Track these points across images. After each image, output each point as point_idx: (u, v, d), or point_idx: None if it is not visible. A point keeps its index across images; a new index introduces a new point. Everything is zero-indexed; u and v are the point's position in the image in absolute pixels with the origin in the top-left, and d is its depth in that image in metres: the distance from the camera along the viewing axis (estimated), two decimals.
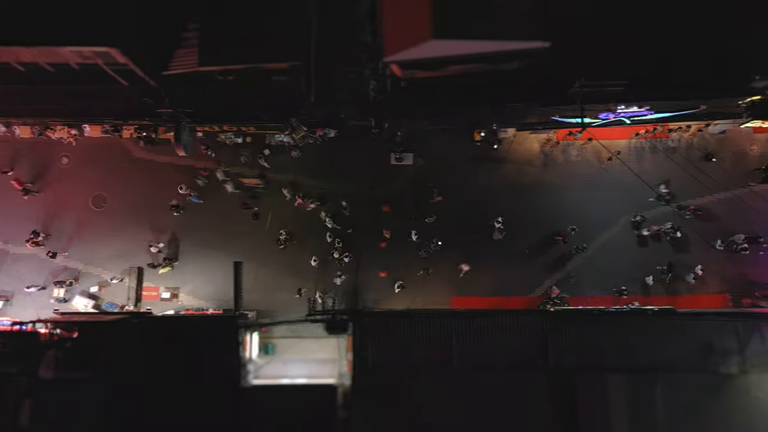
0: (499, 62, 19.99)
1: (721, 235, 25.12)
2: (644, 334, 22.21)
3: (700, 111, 22.46)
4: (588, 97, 19.87)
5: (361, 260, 25.42)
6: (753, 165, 25.66)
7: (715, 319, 22.37)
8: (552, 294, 25.17)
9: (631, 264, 25.45)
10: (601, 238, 25.65)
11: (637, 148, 25.88)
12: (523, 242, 25.43)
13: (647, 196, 25.13)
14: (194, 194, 25.29)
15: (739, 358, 21.51)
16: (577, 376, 21.36)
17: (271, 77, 22.13)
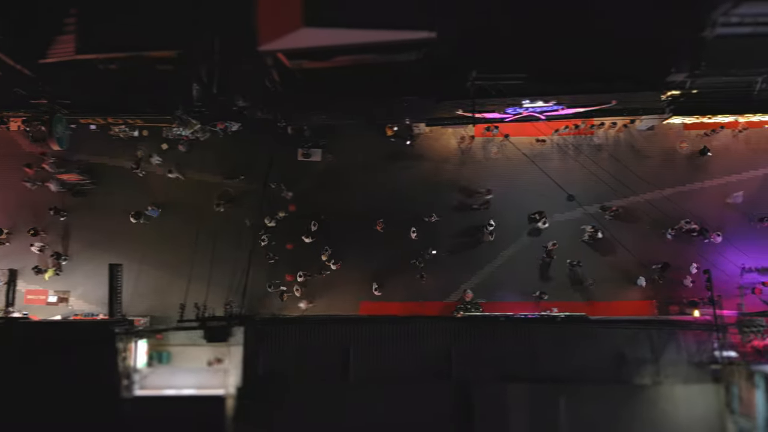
0: (390, 53, 19.64)
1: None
2: (553, 342, 22.06)
3: (611, 106, 22.16)
4: (484, 90, 19.54)
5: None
6: (683, 163, 25.59)
7: (628, 327, 22.23)
8: (466, 298, 24.90)
9: (552, 267, 25.38)
10: (522, 239, 25.46)
11: (560, 146, 25.60)
12: (437, 244, 25.22)
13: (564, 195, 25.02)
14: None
15: (652, 368, 21.41)
16: (477, 387, 21.23)
17: (156, 66, 21.70)
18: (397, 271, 25.04)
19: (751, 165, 25.17)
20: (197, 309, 21.70)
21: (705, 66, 20.73)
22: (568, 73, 20.14)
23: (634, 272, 24.59)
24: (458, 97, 20.44)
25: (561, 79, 20.21)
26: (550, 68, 19.99)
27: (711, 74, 21.18)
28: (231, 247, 23.86)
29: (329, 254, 24.60)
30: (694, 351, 21.26)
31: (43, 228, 24.99)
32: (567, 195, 23.55)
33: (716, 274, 23.83)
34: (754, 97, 22.41)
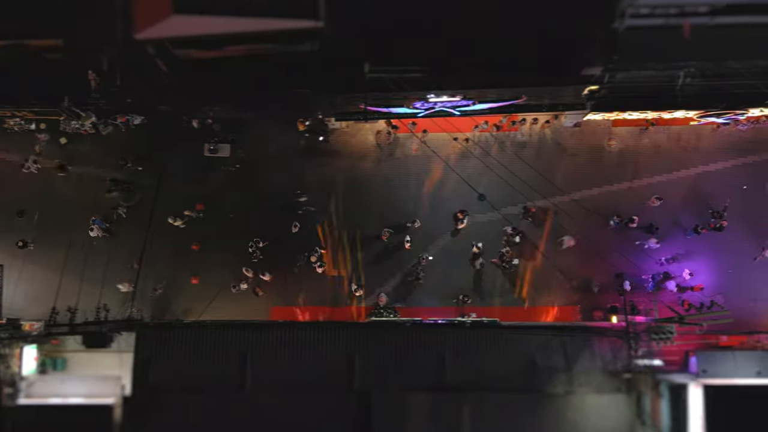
0: (282, 43, 19.40)
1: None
2: (461, 349, 21.90)
3: (524, 102, 21.98)
4: (380, 83, 19.32)
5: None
6: (612, 161, 25.43)
7: (541, 333, 22.09)
8: (380, 302, 24.68)
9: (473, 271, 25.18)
10: (443, 240, 25.15)
11: (481, 142, 25.41)
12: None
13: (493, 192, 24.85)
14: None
15: (564, 376, 21.25)
16: (377, 396, 21.00)
17: (44, 56, 21.36)
18: (313, 275, 24.83)
19: (682, 164, 25.09)
20: (70, 312, 21.31)
21: (618, 59, 20.57)
22: (472, 66, 19.93)
23: (556, 277, 24.56)
24: (352, 91, 20.20)
25: (465, 72, 20.00)
26: (453, 61, 19.79)
27: (625, 68, 21.02)
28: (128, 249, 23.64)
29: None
30: (608, 359, 21.19)
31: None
32: (477, 195, 23.37)
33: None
34: (677, 92, 22.30)
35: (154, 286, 24.18)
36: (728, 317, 21.25)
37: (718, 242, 24.34)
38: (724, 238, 24.29)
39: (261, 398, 21.04)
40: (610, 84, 22.17)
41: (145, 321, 22.77)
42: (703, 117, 22.74)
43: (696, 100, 22.49)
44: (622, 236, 24.42)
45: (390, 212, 25.02)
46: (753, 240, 24.38)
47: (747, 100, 22.28)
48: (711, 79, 22.00)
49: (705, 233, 24.12)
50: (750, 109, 22.55)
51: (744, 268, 24.25)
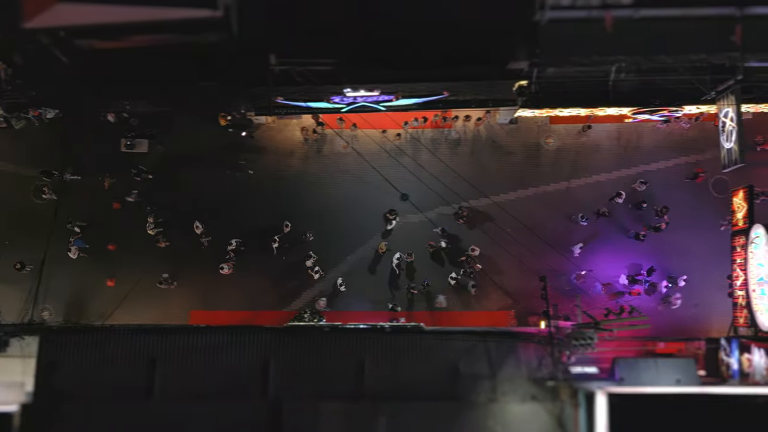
0: (184, 33, 19.23)
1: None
2: (382, 355, 21.75)
3: (446, 97, 21.85)
4: (287, 76, 19.16)
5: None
6: (549, 160, 25.38)
7: (465, 338, 21.96)
8: (319, 306, 24.56)
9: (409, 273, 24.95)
10: (374, 241, 24.92)
11: (415, 140, 25.28)
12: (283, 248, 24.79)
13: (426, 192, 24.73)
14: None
15: (487, 383, 21.13)
16: (289, 405, 20.81)
17: None
18: (236, 277, 24.66)
19: (622, 163, 25.02)
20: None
21: (541, 53, 20.49)
22: (386, 59, 19.81)
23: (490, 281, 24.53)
24: (260, 84, 20.01)
25: (378, 65, 19.87)
26: (365, 53, 19.66)
27: (549, 63, 20.93)
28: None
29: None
30: (533, 366, 21.09)
31: None
32: (400, 194, 23.26)
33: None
34: (610, 88, 22.23)
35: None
36: (646, 323, 21.20)
37: (660, 244, 24.35)
38: (665, 240, 24.29)
39: (169, 406, 20.80)
40: (540, 80, 22.06)
41: (48, 324, 22.47)
42: (637, 114, 22.63)
43: (630, 96, 22.40)
44: (557, 238, 24.39)
45: (319, 213, 24.88)
46: (696, 241, 24.40)
47: (682, 97, 22.20)
48: (645, 74, 21.95)
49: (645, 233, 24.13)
50: (685, 106, 22.46)
51: (688, 271, 24.23)
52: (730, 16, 19.77)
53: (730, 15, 19.74)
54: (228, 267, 23.94)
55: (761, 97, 22.13)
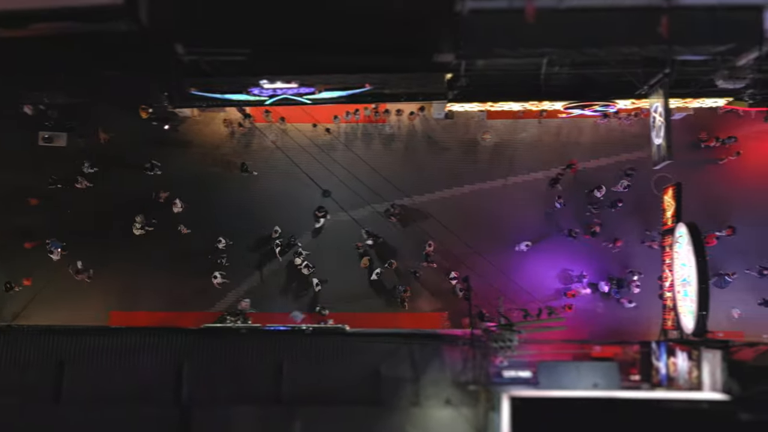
0: (90, 22, 18.99)
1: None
2: (302, 357, 21.56)
3: (369, 90, 21.69)
4: (199, 67, 18.99)
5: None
6: (486, 156, 25.31)
7: (388, 341, 21.82)
8: (241, 307, 24.35)
9: (339, 274, 24.69)
10: (304, 239, 24.50)
11: (347, 134, 25.15)
12: (206, 246, 24.51)
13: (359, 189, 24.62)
14: None
15: (410, 387, 20.98)
16: (200, 410, 20.60)
17: None
18: (158, 275, 24.44)
19: (561, 160, 24.94)
20: None
21: (465, 45, 20.33)
22: (303, 50, 19.63)
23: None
24: (169, 75, 19.81)
25: (295, 56, 19.69)
26: (280, 43, 19.48)
27: (475, 55, 20.77)
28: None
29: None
30: (457, 369, 21.00)
31: None
32: (322, 191, 23.12)
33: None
34: (542, 82, 22.13)
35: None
36: (562, 325, 21.15)
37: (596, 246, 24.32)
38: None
39: (77, 411, 20.53)
40: (470, 72, 21.94)
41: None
42: (569, 108, 22.52)
43: (562, 90, 22.29)
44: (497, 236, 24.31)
45: (247, 209, 24.69)
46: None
47: (616, 91, 22.12)
48: (579, 68, 21.87)
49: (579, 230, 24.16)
50: (619, 101, 22.37)
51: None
52: (659, 8, 19.69)
53: (659, 6, 19.65)
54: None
55: (699, 91, 21.94)
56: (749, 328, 23.88)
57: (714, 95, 22.04)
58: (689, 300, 18.32)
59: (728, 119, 24.59)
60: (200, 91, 20.89)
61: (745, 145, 24.57)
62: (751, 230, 23.76)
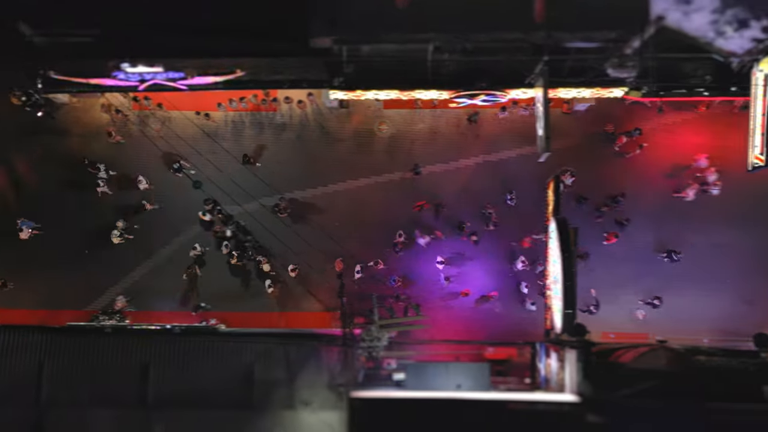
0: None
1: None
2: (171, 358, 21.31)
3: (242, 76, 21.43)
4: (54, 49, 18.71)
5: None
6: (382, 148, 25.26)
7: (263, 341, 21.65)
8: (117, 306, 24.06)
9: (222, 272, 24.55)
10: (180, 240, 24.42)
11: (235, 123, 24.91)
12: (82, 242, 24.21)
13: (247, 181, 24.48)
14: None
15: (284, 390, 20.81)
16: (54, 413, 20.30)
17: None
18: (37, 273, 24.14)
19: (461, 152, 24.84)
20: None
21: (339, 29, 20.16)
22: (164, 31, 19.37)
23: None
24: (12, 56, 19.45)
25: (155, 37, 19.42)
26: (137, 23, 19.23)
27: (352, 40, 20.58)
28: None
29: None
30: (334, 370, 20.90)
31: None
32: (193, 182, 22.89)
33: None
34: (429, 69, 21.98)
35: None
36: (423, 323, 21.12)
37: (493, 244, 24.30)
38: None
39: None
40: (355, 59, 21.75)
41: None
42: (457, 98, 22.36)
43: (451, 78, 22.15)
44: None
45: (127, 201, 24.43)
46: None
47: (505, 80, 22.04)
48: (471, 55, 21.76)
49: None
50: (509, 90, 22.28)
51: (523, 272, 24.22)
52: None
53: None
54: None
55: (593, 80, 21.84)
56: (656, 329, 23.98)
57: (608, 85, 21.95)
58: (558, 298, 18.30)
59: (635, 111, 24.55)
60: (61, 75, 20.55)
61: (652, 137, 24.57)
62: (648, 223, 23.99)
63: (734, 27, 19.77)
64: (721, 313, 23.83)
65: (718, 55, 20.84)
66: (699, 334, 23.09)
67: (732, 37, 20.25)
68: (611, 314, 24.16)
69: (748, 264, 23.86)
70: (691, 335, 22.95)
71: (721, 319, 23.65)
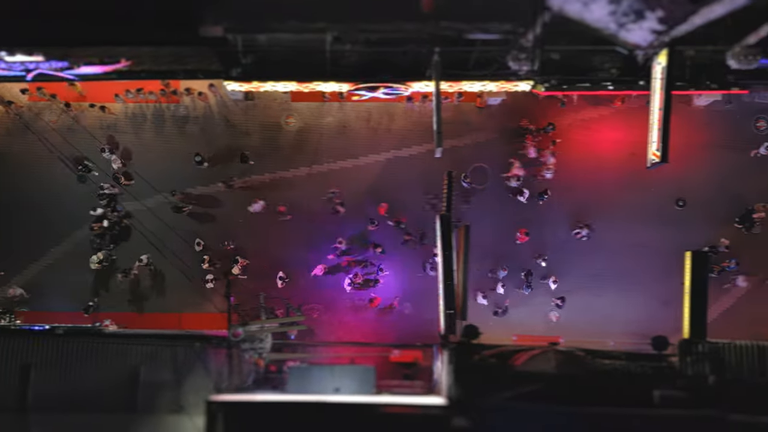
0: None
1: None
2: (55, 361, 21.00)
3: (129, 66, 21.15)
4: None
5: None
6: (289, 142, 25.03)
7: (152, 342, 21.39)
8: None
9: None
10: (75, 237, 24.18)
11: (136, 115, 24.59)
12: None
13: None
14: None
15: (170, 393, 20.57)
16: None
17: None
18: None
19: (371, 147, 24.68)
20: None
21: (232, 16, 19.87)
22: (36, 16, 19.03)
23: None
24: None
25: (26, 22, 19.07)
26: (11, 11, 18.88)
27: (243, 29, 20.33)
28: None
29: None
30: (221, 373, 20.68)
31: None
32: (77, 176, 22.58)
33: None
34: (328, 60, 21.76)
35: None
36: (302, 324, 20.94)
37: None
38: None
39: None
40: (253, 49, 21.50)
41: None
42: (357, 90, 22.14)
43: (354, 70, 21.97)
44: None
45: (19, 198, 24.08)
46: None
47: (406, 72, 21.87)
48: (374, 46, 21.56)
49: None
50: (410, 83, 22.11)
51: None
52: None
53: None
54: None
55: (495, 73, 21.71)
56: (570, 332, 24.01)
57: (513, 78, 21.79)
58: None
59: (550, 106, 24.48)
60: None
61: (568, 133, 24.50)
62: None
63: (632, 18, 19.67)
64: (637, 315, 23.74)
65: (623, 48, 20.69)
66: (612, 336, 23.12)
67: (633, 29, 20.15)
68: (525, 316, 24.13)
69: (665, 264, 23.74)
70: (605, 337, 23.05)
71: (637, 320, 23.55)
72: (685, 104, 24.01)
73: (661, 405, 16.39)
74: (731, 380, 18.48)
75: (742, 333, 20.51)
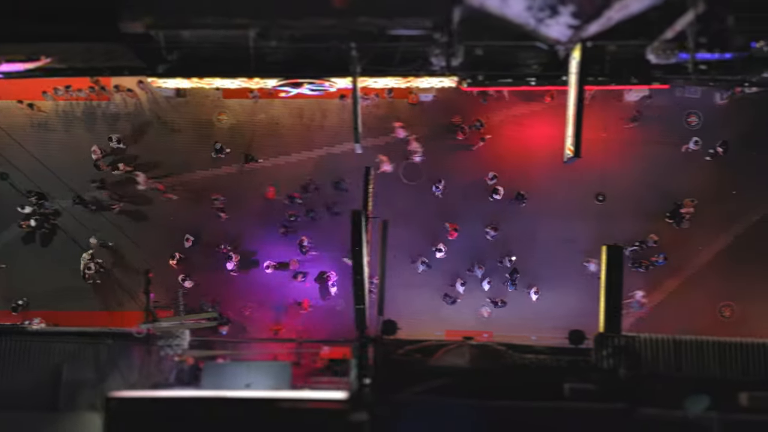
0: None
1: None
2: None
3: (49, 63, 21.35)
4: None
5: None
6: (222, 139, 25.25)
7: (75, 340, 21.64)
8: None
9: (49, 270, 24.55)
10: (12, 233, 24.46)
11: (66, 113, 24.84)
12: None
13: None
14: None
15: (92, 391, 20.80)
16: None
17: None
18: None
19: (305, 144, 25.01)
20: None
21: (152, 12, 20.08)
22: None
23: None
24: None
25: None
26: None
27: (168, 25, 20.54)
28: None
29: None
30: (142, 370, 20.98)
31: None
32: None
33: None
34: (252, 56, 22.01)
35: None
36: (213, 320, 21.30)
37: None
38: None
39: None
40: (178, 45, 21.72)
41: None
42: (282, 86, 22.43)
43: (279, 67, 22.24)
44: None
45: None
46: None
47: (332, 69, 22.15)
48: (300, 42, 21.81)
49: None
50: (335, 79, 22.42)
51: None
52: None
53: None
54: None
55: (419, 70, 21.99)
56: (501, 327, 24.41)
57: (435, 74, 22.13)
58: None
59: (480, 102, 24.84)
60: None
61: (500, 129, 24.89)
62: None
63: (548, 13, 20.02)
64: (568, 310, 24.08)
65: (543, 43, 21.05)
66: (543, 332, 23.40)
67: (551, 24, 20.49)
68: (456, 312, 24.51)
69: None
70: (536, 332, 23.40)
71: (567, 316, 23.83)
72: (615, 99, 24.31)
73: (572, 398, 16.56)
74: (645, 374, 18.75)
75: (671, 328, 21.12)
